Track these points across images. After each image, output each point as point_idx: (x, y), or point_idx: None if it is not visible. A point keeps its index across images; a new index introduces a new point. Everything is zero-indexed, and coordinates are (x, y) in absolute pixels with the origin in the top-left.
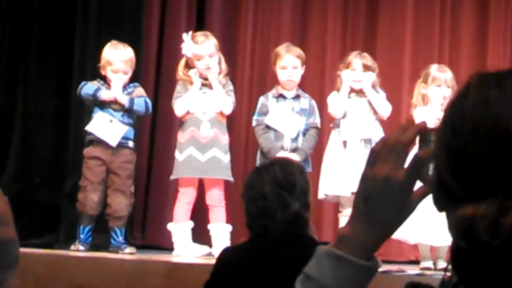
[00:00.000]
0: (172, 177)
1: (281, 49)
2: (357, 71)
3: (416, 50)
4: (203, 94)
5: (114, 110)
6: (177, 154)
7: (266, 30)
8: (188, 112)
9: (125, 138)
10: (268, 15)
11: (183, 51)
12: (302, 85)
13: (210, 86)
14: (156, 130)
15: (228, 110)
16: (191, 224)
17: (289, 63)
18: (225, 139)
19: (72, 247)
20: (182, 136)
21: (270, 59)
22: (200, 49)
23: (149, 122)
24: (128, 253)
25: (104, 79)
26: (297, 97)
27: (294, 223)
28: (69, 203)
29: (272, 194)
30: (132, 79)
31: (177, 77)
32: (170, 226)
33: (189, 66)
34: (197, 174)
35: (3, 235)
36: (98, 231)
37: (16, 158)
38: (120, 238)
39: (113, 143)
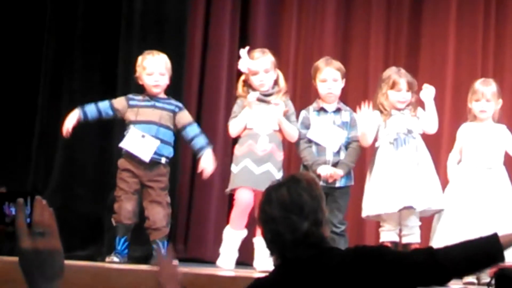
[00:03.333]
0: (227, 190)
1: (320, 62)
2: (403, 92)
3: (459, 62)
4: (260, 110)
5: (148, 124)
6: (233, 167)
7: (309, 44)
8: (245, 128)
9: (158, 154)
10: (310, 29)
11: (239, 67)
12: (344, 98)
13: (267, 102)
14: None
15: (294, 139)
16: (244, 233)
17: (329, 76)
18: (280, 155)
19: (107, 259)
20: (239, 150)
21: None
22: (256, 64)
23: None
24: None
25: (143, 90)
26: (338, 110)
27: (305, 243)
28: (111, 215)
29: (280, 218)
30: (175, 91)
31: (237, 93)
32: (226, 230)
33: (247, 84)
34: (250, 184)
35: (49, 246)
36: (139, 244)
37: (60, 171)
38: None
39: (146, 158)
